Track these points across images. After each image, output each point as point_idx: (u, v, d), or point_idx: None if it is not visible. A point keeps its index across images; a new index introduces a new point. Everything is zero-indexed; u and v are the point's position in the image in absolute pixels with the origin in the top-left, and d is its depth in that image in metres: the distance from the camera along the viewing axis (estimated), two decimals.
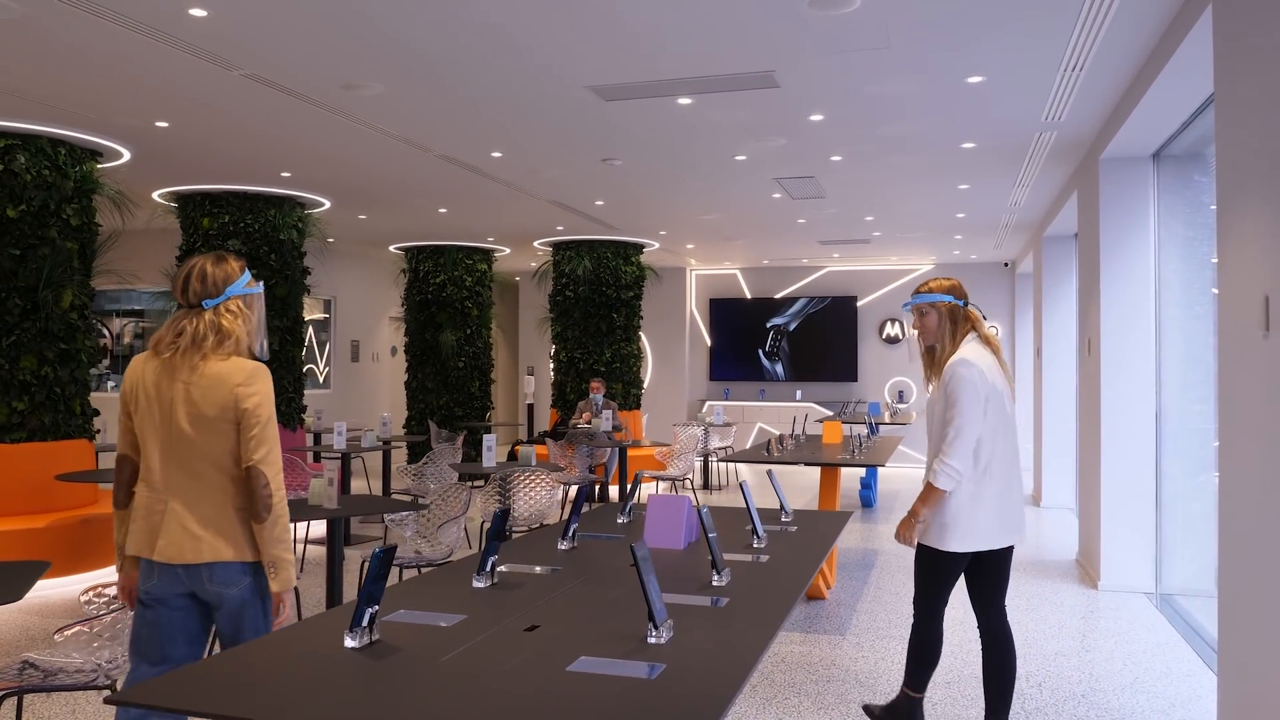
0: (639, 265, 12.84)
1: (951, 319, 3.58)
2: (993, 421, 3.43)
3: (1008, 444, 3.50)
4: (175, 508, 2.76)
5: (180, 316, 2.83)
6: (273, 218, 9.24)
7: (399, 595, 2.69)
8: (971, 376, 3.42)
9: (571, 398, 12.56)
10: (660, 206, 10.08)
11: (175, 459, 2.78)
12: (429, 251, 13.00)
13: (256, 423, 2.76)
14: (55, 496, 6.94)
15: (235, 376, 2.78)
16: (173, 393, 2.77)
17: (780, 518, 3.81)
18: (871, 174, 8.32)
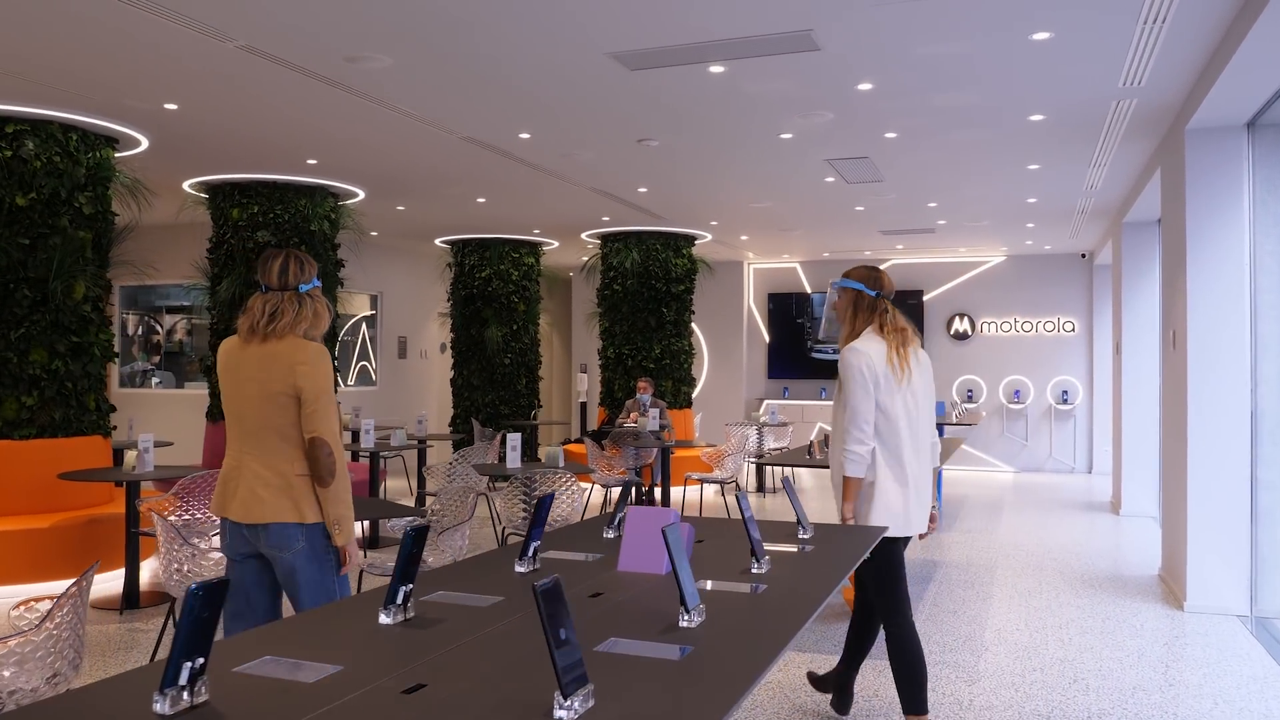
0: (690, 258, 12.30)
1: (854, 307, 3.64)
2: (891, 409, 3.50)
3: (911, 433, 3.55)
4: (246, 473, 3.07)
5: (271, 298, 3.13)
6: (303, 208, 8.93)
7: (274, 639, 2.15)
8: (857, 362, 3.50)
9: (619, 396, 12.08)
10: (706, 194, 9.54)
11: (246, 428, 3.10)
12: (474, 245, 12.63)
13: (315, 398, 3.03)
14: (65, 495, 6.69)
15: (298, 355, 3.06)
16: (246, 367, 3.09)
17: (798, 533, 3.25)
18: (930, 153, 7.66)
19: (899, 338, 3.59)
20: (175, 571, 4.36)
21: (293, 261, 3.18)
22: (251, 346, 3.12)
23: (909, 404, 3.56)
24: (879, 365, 3.51)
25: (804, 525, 3.28)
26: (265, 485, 3.05)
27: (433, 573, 2.68)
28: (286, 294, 3.14)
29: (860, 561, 2.90)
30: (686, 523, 2.64)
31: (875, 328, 3.59)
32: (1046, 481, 13.11)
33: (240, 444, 3.13)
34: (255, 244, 8.80)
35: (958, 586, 6.71)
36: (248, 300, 3.21)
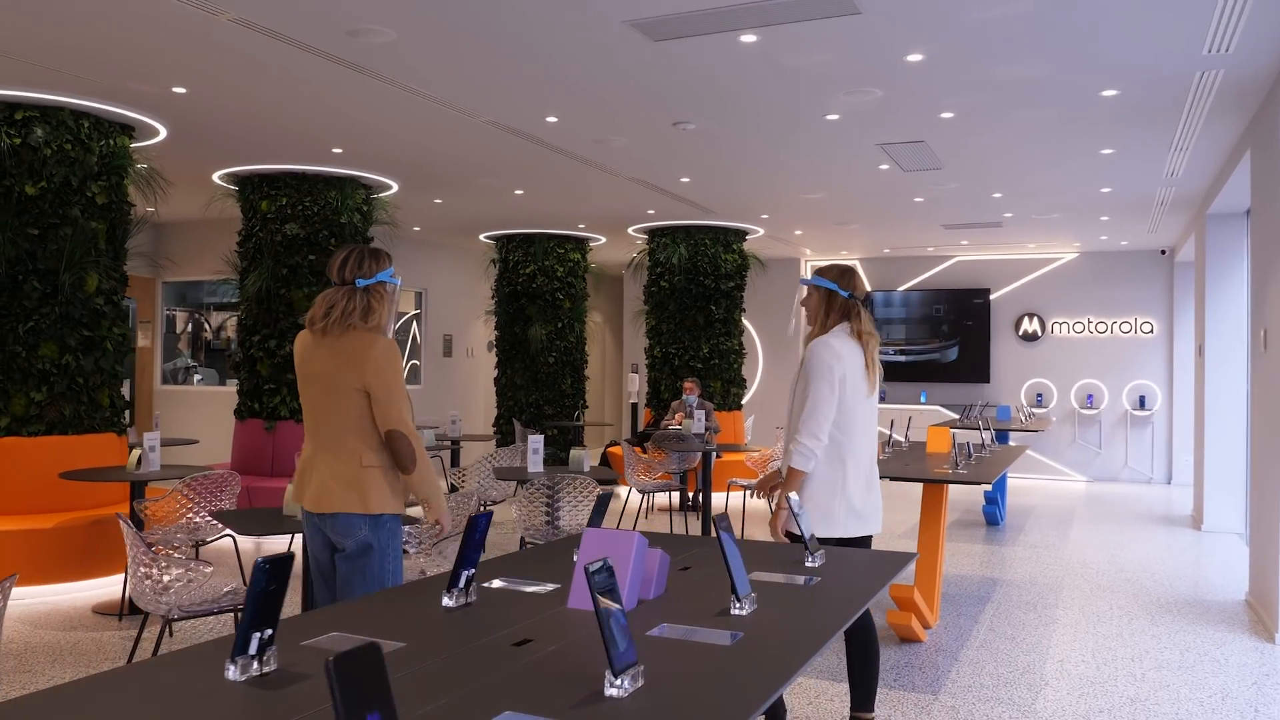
0: (741, 253, 11.77)
1: (826, 305, 3.57)
2: (849, 409, 3.46)
3: (865, 436, 3.54)
4: (319, 464, 3.19)
5: (330, 293, 3.20)
6: (332, 200, 8.64)
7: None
8: (827, 358, 3.43)
9: (666, 396, 11.61)
10: (754, 184, 9.02)
11: (318, 421, 3.21)
12: (519, 240, 12.28)
13: (386, 393, 3.12)
14: (74, 495, 6.45)
15: (367, 350, 3.14)
16: (316, 361, 3.19)
17: (806, 560, 2.76)
18: (992, 136, 7.05)
19: (872, 344, 3.56)
20: (144, 579, 4.01)
21: (354, 256, 3.24)
22: (322, 340, 3.21)
23: (869, 411, 3.58)
24: (850, 367, 3.46)
25: (811, 552, 2.78)
26: (335, 477, 3.15)
27: (341, 607, 2.31)
28: (344, 288, 3.21)
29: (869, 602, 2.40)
30: (658, 549, 2.16)
31: (848, 330, 3.53)
32: (1121, 492, 12.29)
33: (314, 436, 3.25)
34: (284, 237, 8.54)
35: (1018, 609, 6.11)
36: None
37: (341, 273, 3.22)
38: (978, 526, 9.35)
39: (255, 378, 8.63)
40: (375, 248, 3.30)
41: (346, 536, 3.15)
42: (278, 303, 8.58)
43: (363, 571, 3.16)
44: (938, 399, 14.12)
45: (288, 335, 8.55)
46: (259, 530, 4.06)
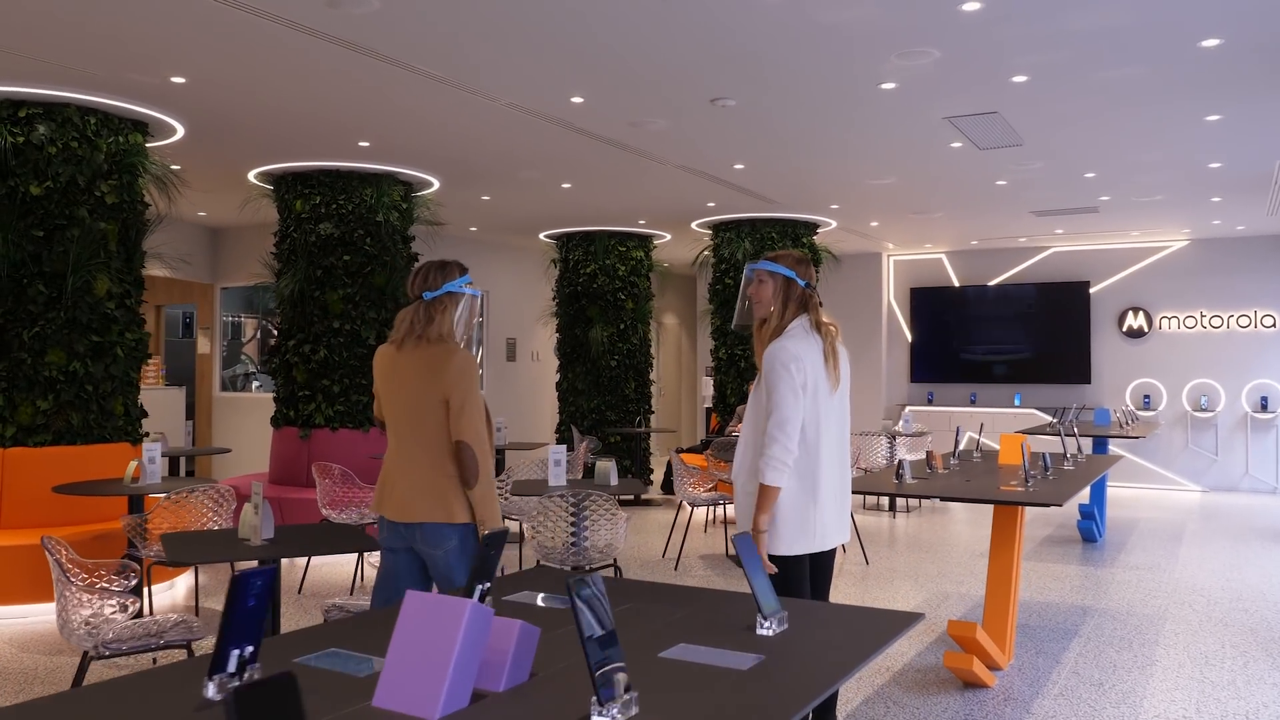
0: (811, 247, 11.01)
1: (785, 297, 3.29)
2: (817, 414, 3.21)
3: (833, 438, 3.28)
4: (402, 474, 3.28)
5: (405, 310, 3.35)
6: (368, 198, 8.25)
7: None
8: (786, 361, 3.16)
9: (732, 401, 10.94)
10: (813, 169, 8.29)
11: (402, 432, 3.31)
12: (578, 239, 11.76)
13: (461, 403, 3.20)
14: (82, 508, 6.15)
15: (447, 361, 3.23)
16: (400, 373, 3.30)
17: (759, 626, 2.09)
18: (1074, 103, 6.20)
19: (832, 335, 3.28)
20: (74, 616, 3.57)
21: (422, 271, 3.35)
22: (404, 353, 3.31)
23: (838, 410, 3.30)
24: (811, 367, 3.18)
25: (765, 614, 2.11)
26: (418, 487, 3.24)
27: None
28: (416, 304, 3.33)
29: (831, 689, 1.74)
30: (519, 622, 1.55)
31: (807, 323, 3.26)
32: (1240, 504, 11.09)
33: (397, 446, 3.34)
34: (318, 237, 8.18)
35: (1110, 646, 5.27)
36: None
37: (413, 289, 3.36)
38: (1072, 543, 8.42)
39: (291, 384, 8.29)
40: (445, 260, 3.39)
41: (436, 546, 3.25)
42: (312, 306, 8.22)
43: (453, 580, 3.24)
44: (1033, 401, 13.07)
45: (322, 340, 8.19)
46: (192, 557, 3.58)
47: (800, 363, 3.15)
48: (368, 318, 8.25)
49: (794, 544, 3.20)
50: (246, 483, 8.36)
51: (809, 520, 3.21)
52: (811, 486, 3.20)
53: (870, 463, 10.22)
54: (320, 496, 6.52)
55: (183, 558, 3.58)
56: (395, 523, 3.30)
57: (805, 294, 3.30)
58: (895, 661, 4.96)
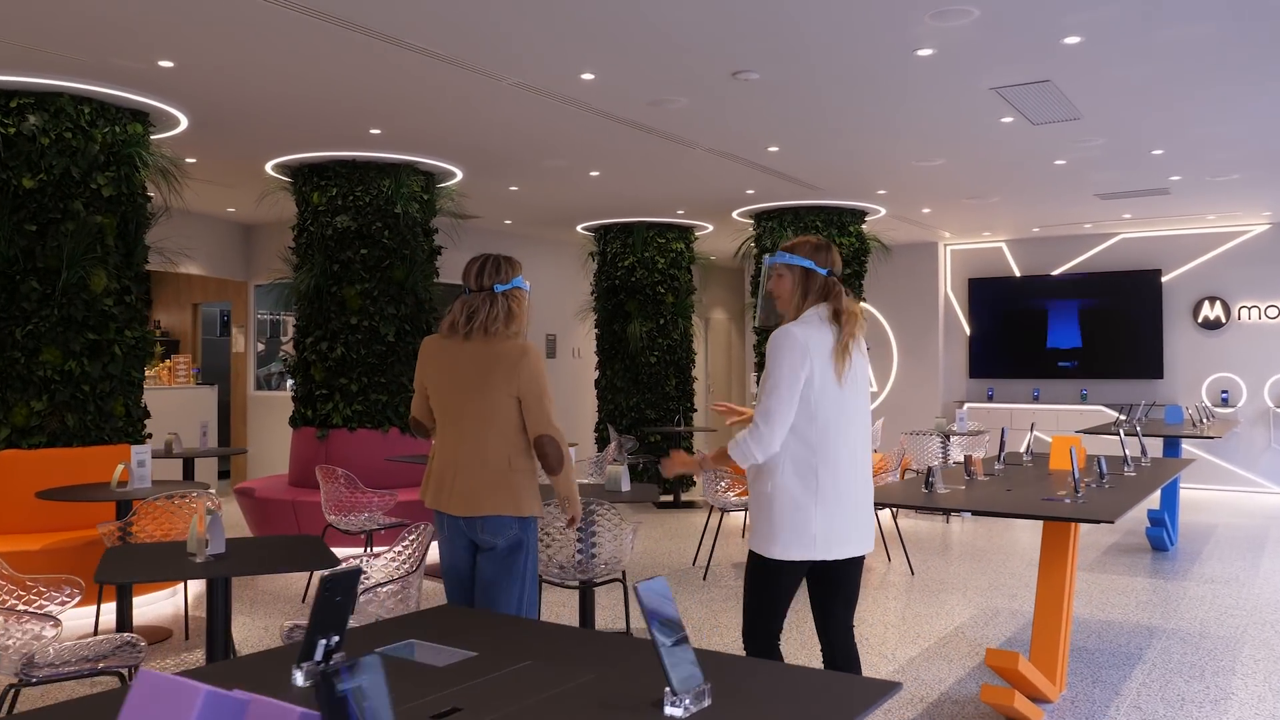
0: (859, 236, 10.44)
1: (803, 288, 3.06)
2: (823, 409, 2.95)
3: (846, 438, 3.01)
4: (466, 468, 3.25)
5: (469, 299, 3.28)
6: (385, 189, 7.93)
7: None
8: (786, 347, 2.93)
9: None
10: (854, 150, 7.75)
11: (464, 426, 3.27)
12: (616, 231, 11.35)
13: (539, 398, 3.25)
14: (75, 513, 5.90)
15: (522, 358, 3.25)
16: (462, 366, 3.27)
17: (667, 705, 1.62)
18: (1136, 68, 5.60)
19: (851, 326, 3.01)
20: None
21: (490, 263, 3.32)
22: (466, 346, 3.29)
23: (852, 406, 3.03)
24: (818, 358, 2.93)
25: (677, 689, 1.64)
26: (488, 481, 3.23)
27: None
28: (483, 294, 3.29)
29: None
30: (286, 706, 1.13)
31: (825, 311, 3.01)
32: None
33: (459, 440, 3.29)
34: (334, 230, 7.88)
35: (1178, 674, 4.68)
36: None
37: (479, 279, 3.30)
38: (1140, 553, 7.76)
39: (309, 383, 8.01)
40: (508, 255, 3.39)
41: (498, 536, 3.24)
42: (329, 301, 7.93)
43: (510, 570, 3.25)
44: (1100, 398, 12.31)
45: (339, 336, 7.90)
46: (124, 575, 3.24)
47: (804, 351, 2.93)
48: (386, 313, 7.94)
49: (788, 548, 2.97)
50: (266, 485, 8.11)
51: (809, 524, 2.95)
52: (814, 487, 2.96)
53: (922, 464, 9.64)
54: (325, 501, 6.21)
55: (114, 577, 3.24)
56: (455, 518, 3.29)
57: (826, 282, 3.06)
58: (929, 690, 4.46)
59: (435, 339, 3.38)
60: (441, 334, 3.36)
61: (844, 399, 3.00)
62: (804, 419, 2.95)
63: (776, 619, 3.09)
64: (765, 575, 3.04)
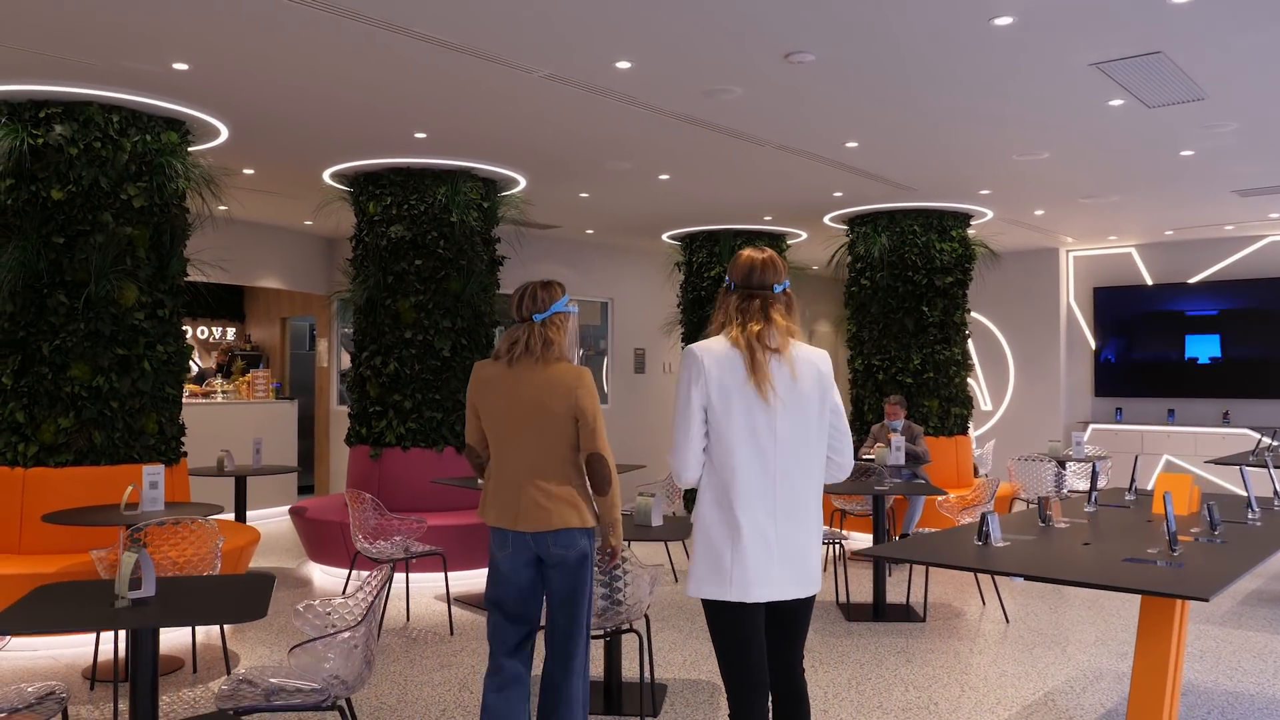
0: (962, 241, 9.57)
1: (719, 303, 2.91)
2: (732, 434, 2.73)
3: (770, 465, 2.74)
4: (529, 487, 3.41)
5: (514, 330, 3.49)
6: (441, 196, 7.58)
7: None
8: (685, 367, 2.78)
9: (870, 418, 9.64)
10: (944, 144, 6.97)
11: (524, 448, 3.43)
12: (702, 239, 10.78)
13: (593, 418, 3.40)
14: (92, 535, 5.68)
15: (579, 380, 3.42)
16: (519, 393, 3.43)
17: None
18: (1267, 30, 4.70)
19: (752, 344, 2.77)
20: None
21: (528, 293, 3.47)
22: (519, 371, 3.43)
23: (770, 434, 2.76)
24: (719, 381, 2.75)
25: None
26: (550, 497, 3.38)
27: None
28: (524, 325, 3.45)
29: None
30: None
31: (739, 329, 2.79)
32: None
33: (519, 460, 3.42)
34: (389, 240, 7.57)
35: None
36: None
37: (520, 310, 3.46)
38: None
39: (364, 399, 7.71)
40: (547, 280, 3.51)
41: (570, 548, 3.40)
42: (383, 314, 7.62)
43: (582, 579, 3.43)
44: (1245, 419, 11.01)
45: (393, 351, 7.57)
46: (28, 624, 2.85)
47: (699, 370, 2.75)
48: (441, 327, 7.57)
49: (702, 586, 2.78)
50: (321, 505, 7.84)
51: (723, 561, 2.74)
52: (732, 521, 2.74)
53: (1033, 494, 8.69)
54: (353, 526, 5.84)
55: (16, 625, 2.86)
56: (523, 535, 3.40)
57: (736, 296, 2.85)
58: None
59: (486, 364, 3.54)
60: (492, 360, 3.54)
61: (772, 422, 2.74)
62: (715, 445, 2.77)
63: (740, 667, 2.78)
64: (710, 618, 2.83)
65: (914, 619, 6.22)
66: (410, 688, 4.87)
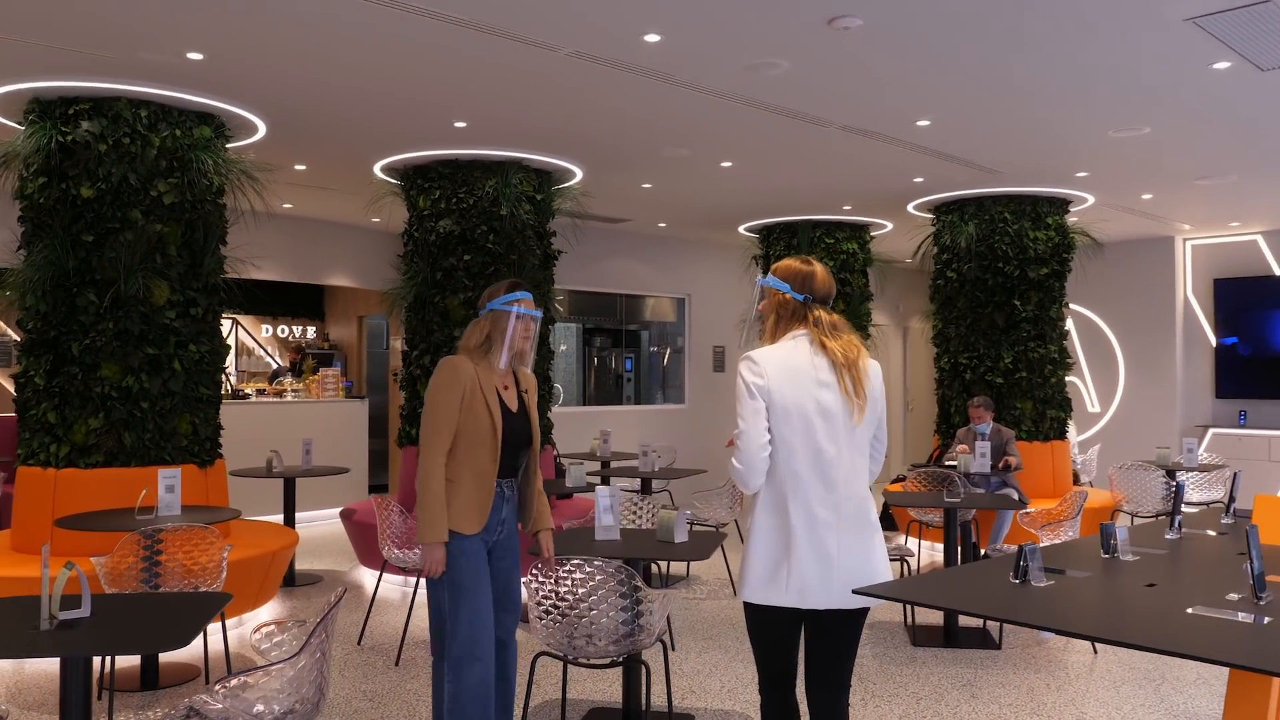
0: (1059, 229, 8.80)
1: (776, 314, 2.90)
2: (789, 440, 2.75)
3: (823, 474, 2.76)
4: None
5: None
6: (490, 189, 7.28)
7: None
8: (746, 375, 2.80)
9: (956, 421, 8.97)
10: (1028, 121, 6.31)
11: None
12: (779, 231, 10.26)
13: (424, 411, 3.42)
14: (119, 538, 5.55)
15: None
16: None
17: None
18: None
19: (849, 356, 2.78)
20: None
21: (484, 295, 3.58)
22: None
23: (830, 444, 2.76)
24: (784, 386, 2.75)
25: None
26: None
27: None
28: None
29: None
30: None
31: (805, 340, 2.81)
32: None
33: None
34: (437, 235, 7.32)
35: None
36: None
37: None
38: None
39: (414, 399, 7.49)
40: (502, 282, 3.57)
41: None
42: (432, 312, 7.38)
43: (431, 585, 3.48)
44: None
45: (442, 350, 7.32)
46: None
47: (765, 378, 2.76)
48: None
49: (755, 591, 2.79)
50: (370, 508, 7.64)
51: (779, 567, 2.75)
52: (788, 527, 2.75)
53: (1139, 507, 7.91)
54: (380, 534, 5.57)
55: None
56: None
57: (800, 308, 2.86)
58: None
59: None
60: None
61: (834, 430, 2.77)
62: (775, 451, 2.77)
63: (777, 667, 2.88)
64: (750, 620, 2.89)
65: (990, 645, 5.61)
66: (422, 705, 4.56)
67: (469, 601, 3.35)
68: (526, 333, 3.49)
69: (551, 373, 7.98)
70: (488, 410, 3.38)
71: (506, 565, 3.58)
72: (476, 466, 3.38)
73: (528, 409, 3.58)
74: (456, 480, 3.38)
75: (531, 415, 3.59)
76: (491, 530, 3.48)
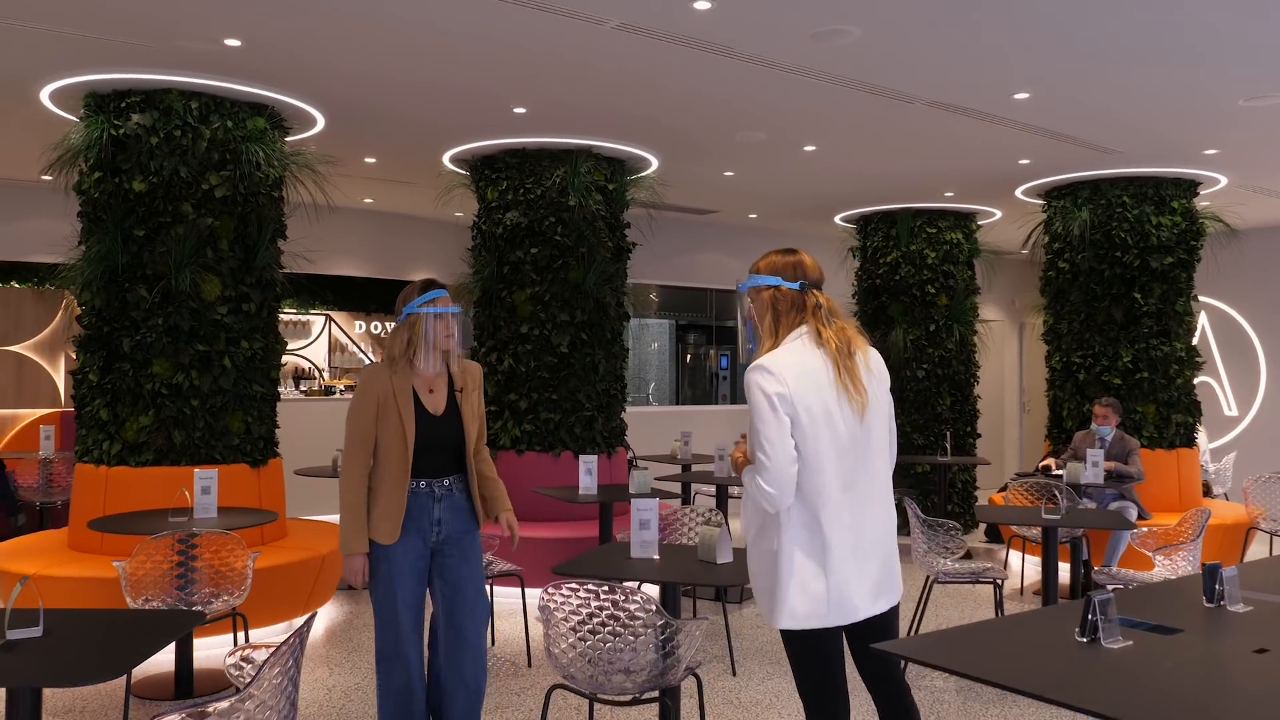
0: (1186, 214, 7.95)
1: (774, 310, 2.73)
2: (815, 450, 2.60)
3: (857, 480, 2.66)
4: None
5: None
6: (558, 179, 6.97)
7: None
8: (764, 385, 2.60)
9: (1069, 425, 8.22)
10: (1142, 91, 5.61)
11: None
12: (877, 221, 9.65)
13: None
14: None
15: None
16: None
17: None
18: None
19: (841, 344, 2.68)
20: None
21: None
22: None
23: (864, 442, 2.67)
24: (807, 390, 2.60)
25: None
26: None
27: None
28: None
29: None
30: None
31: (809, 334, 2.68)
32: None
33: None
34: (504, 228, 7.05)
35: None
36: None
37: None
38: None
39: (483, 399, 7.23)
40: (416, 283, 3.54)
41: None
42: (498, 307, 7.12)
43: None
44: None
45: (508, 347, 7.07)
46: None
47: (785, 384, 2.60)
48: (559, 321, 6.97)
49: (795, 614, 2.62)
50: None
51: (816, 584, 2.62)
52: (820, 544, 2.62)
53: (1279, 525, 7.07)
54: None
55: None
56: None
57: (799, 297, 2.73)
58: None
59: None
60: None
61: (857, 433, 2.66)
62: (800, 466, 2.61)
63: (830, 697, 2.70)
64: (796, 648, 2.70)
65: None
66: None
67: (388, 605, 3.45)
68: (447, 331, 3.47)
69: (645, 372, 7.64)
70: (399, 419, 3.39)
71: (453, 564, 3.54)
72: (392, 476, 3.41)
73: (461, 405, 3.55)
74: (376, 489, 3.44)
75: (469, 410, 3.56)
76: (426, 532, 3.48)
